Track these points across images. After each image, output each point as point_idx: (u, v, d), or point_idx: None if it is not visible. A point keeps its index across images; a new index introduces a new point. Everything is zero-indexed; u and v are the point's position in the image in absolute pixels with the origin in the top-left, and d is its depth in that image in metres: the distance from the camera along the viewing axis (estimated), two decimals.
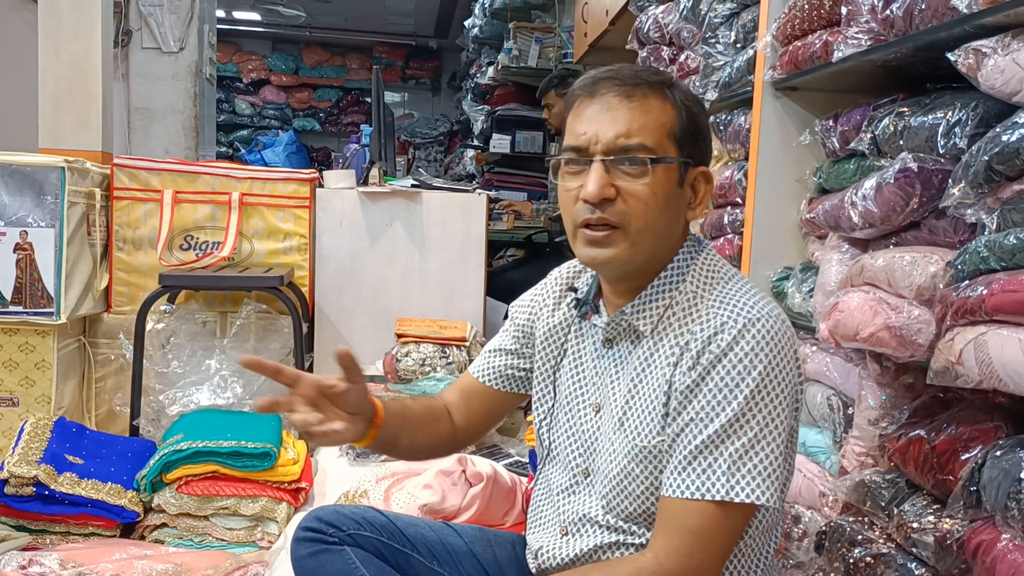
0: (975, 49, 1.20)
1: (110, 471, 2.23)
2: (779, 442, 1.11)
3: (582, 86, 1.20)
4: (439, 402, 1.43)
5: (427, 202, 3.14)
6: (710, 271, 1.21)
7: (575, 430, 1.29)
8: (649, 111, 1.15)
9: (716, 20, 2.27)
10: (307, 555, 1.36)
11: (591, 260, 1.18)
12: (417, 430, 1.36)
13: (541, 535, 1.31)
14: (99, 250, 2.89)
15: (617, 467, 1.20)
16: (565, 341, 1.34)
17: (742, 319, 1.12)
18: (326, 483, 2.48)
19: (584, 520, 1.25)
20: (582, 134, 1.16)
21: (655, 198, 1.14)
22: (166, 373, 2.69)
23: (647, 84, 1.16)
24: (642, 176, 1.14)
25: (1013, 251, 1.12)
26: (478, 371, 1.43)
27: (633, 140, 1.14)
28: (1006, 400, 1.33)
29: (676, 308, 1.19)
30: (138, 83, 4.66)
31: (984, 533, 1.16)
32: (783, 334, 1.13)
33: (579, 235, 1.17)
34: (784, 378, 1.12)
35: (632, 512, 1.20)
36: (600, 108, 1.16)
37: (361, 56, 10.03)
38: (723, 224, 2.17)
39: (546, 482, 1.35)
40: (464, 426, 1.43)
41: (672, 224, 1.20)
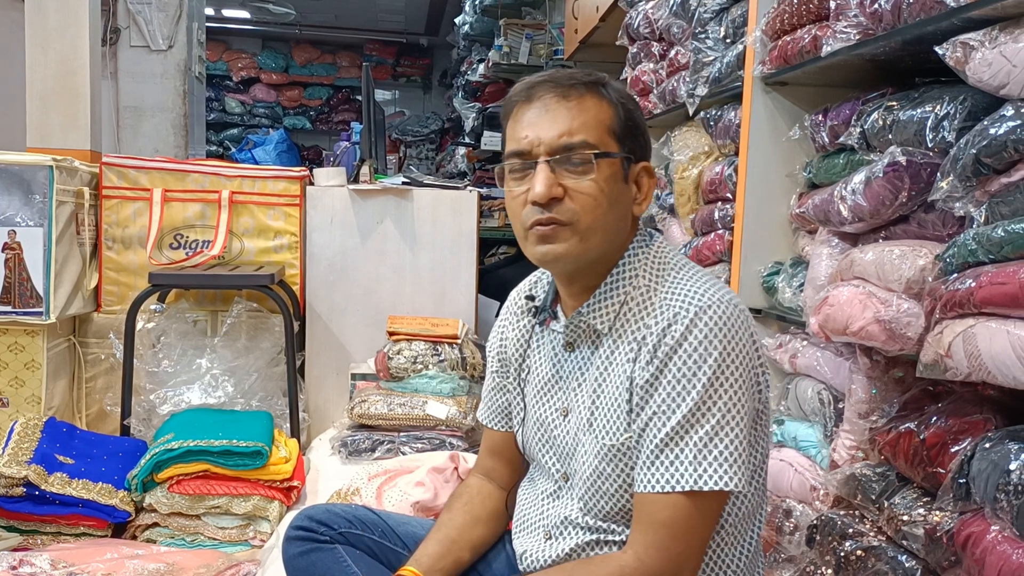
0: (963, 42, 1.20)
1: (101, 471, 2.23)
2: (742, 427, 1.11)
3: (518, 92, 1.21)
4: (475, 486, 1.43)
5: (418, 199, 3.14)
6: (661, 263, 1.22)
7: (547, 437, 1.30)
8: (587, 109, 1.17)
9: (706, 15, 2.27)
10: (298, 554, 1.36)
11: (543, 257, 1.19)
12: (469, 540, 1.35)
13: (525, 539, 1.32)
14: (88, 249, 2.87)
15: (590, 468, 1.20)
16: (528, 350, 1.35)
17: (693, 308, 1.12)
18: (318, 481, 2.48)
19: (565, 522, 1.26)
20: (524, 138, 1.17)
21: (603, 194, 1.16)
22: (157, 372, 2.68)
23: (582, 84, 1.18)
24: (588, 173, 1.15)
25: (1001, 244, 1.12)
26: (488, 420, 1.45)
27: (575, 138, 1.15)
28: (995, 392, 1.33)
29: (631, 303, 1.20)
30: (127, 81, 4.64)
31: (973, 525, 1.16)
32: (736, 319, 1.13)
33: (529, 235, 1.18)
34: (741, 362, 1.12)
35: (609, 511, 1.21)
36: (539, 111, 1.17)
37: (351, 54, 10.01)
38: (714, 219, 2.18)
39: (531, 487, 1.36)
40: (511, 481, 1.44)
41: (620, 220, 1.21)
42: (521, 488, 1.39)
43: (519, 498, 1.39)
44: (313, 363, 3.11)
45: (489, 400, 1.45)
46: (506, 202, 1.23)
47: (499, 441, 1.44)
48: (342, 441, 2.63)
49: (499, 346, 1.42)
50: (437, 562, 1.28)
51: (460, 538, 1.33)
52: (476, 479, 1.45)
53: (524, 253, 1.22)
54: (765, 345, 1.87)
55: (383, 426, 2.63)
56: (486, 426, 1.46)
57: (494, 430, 1.44)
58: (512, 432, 1.41)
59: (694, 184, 2.34)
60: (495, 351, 1.43)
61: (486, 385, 1.47)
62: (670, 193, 2.50)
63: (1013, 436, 1.14)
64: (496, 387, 1.43)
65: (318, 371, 3.11)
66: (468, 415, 2.61)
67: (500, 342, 1.42)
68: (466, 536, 1.34)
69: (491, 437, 1.46)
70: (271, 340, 2.85)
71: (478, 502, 1.39)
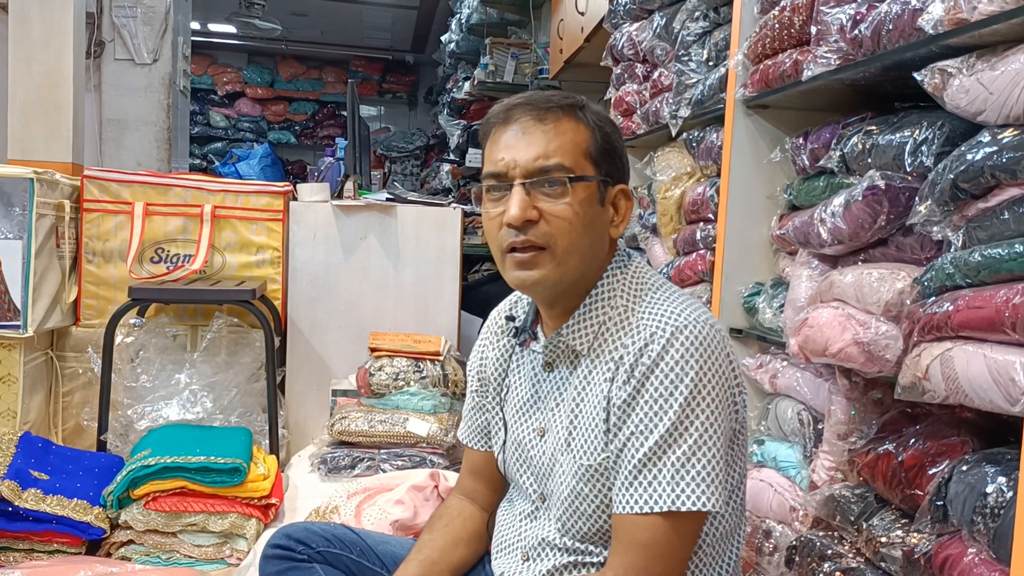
0: (941, 69, 1.22)
1: (76, 487, 2.20)
2: (719, 447, 1.12)
3: (496, 114, 1.22)
4: (456, 507, 1.42)
5: (402, 216, 3.14)
6: (639, 284, 1.22)
7: (524, 457, 1.30)
8: (563, 132, 1.17)
9: (689, 38, 2.29)
10: (275, 572, 1.35)
11: (521, 283, 1.19)
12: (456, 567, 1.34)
13: (503, 561, 1.32)
14: (68, 263, 2.85)
15: (567, 488, 1.20)
16: (507, 371, 1.35)
17: (670, 328, 1.13)
18: (297, 499, 2.46)
19: (543, 544, 1.25)
20: (500, 160, 1.18)
21: (578, 217, 1.16)
22: (135, 387, 2.66)
23: (559, 107, 1.19)
24: (563, 196, 1.15)
25: (978, 268, 1.13)
26: (468, 439, 1.45)
27: (551, 161, 1.16)
28: (972, 415, 1.34)
29: (609, 324, 1.20)
30: (110, 94, 4.62)
31: (951, 547, 1.17)
32: (712, 338, 1.14)
33: (507, 260, 1.19)
34: (717, 382, 1.12)
35: (587, 532, 1.20)
36: (515, 133, 1.18)
37: (337, 70, 10.03)
38: (696, 239, 2.19)
39: (509, 508, 1.36)
40: (492, 502, 1.43)
41: (597, 242, 1.21)
42: (500, 509, 1.39)
43: (498, 519, 1.38)
44: (294, 379, 3.09)
45: (469, 420, 1.45)
46: (483, 223, 1.24)
47: (480, 461, 1.43)
48: (322, 458, 2.61)
49: (479, 366, 1.42)
50: None
51: (440, 560, 1.32)
52: (457, 500, 1.44)
53: (502, 275, 1.23)
54: (745, 365, 1.89)
55: (363, 443, 2.61)
56: (467, 446, 1.46)
57: (475, 450, 1.44)
58: (492, 452, 1.40)
59: (676, 204, 2.36)
60: (475, 371, 1.43)
61: (466, 405, 1.46)
62: (653, 213, 2.51)
63: (990, 459, 1.15)
64: (476, 407, 1.43)
65: (299, 387, 3.09)
66: (449, 432, 2.60)
67: (480, 362, 1.42)
68: (447, 558, 1.33)
69: (472, 457, 1.45)
70: (251, 355, 2.83)
71: (459, 523, 1.38)
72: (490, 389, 1.39)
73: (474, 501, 1.43)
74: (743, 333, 1.96)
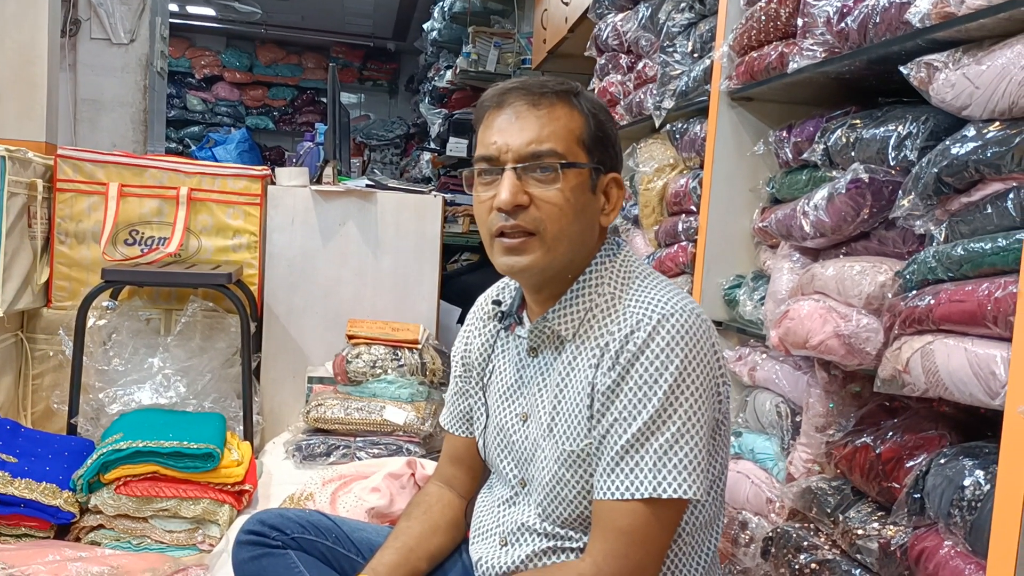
0: (927, 63, 1.22)
1: (45, 470, 2.16)
2: (702, 435, 1.12)
3: (490, 97, 1.21)
4: (434, 494, 1.41)
5: (382, 203, 3.11)
6: (627, 272, 1.23)
7: (506, 442, 1.30)
8: (557, 118, 1.17)
9: (674, 29, 2.28)
10: (249, 559, 1.33)
11: (509, 268, 1.19)
12: (427, 548, 1.33)
13: (481, 546, 1.31)
14: (40, 243, 2.80)
15: (549, 474, 1.20)
16: (492, 356, 1.35)
17: (656, 315, 1.13)
18: (271, 485, 2.43)
19: (522, 529, 1.25)
20: (492, 144, 1.18)
21: (568, 204, 1.16)
22: (107, 371, 2.62)
23: (553, 93, 1.18)
24: (554, 182, 1.16)
25: (960, 262, 1.14)
26: (450, 425, 1.44)
27: (543, 146, 1.16)
28: (949, 409, 1.35)
29: (596, 311, 1.20)
30: (86, 74, 4.54)
31: (927, 540, 1.17)
32: (698, 328, 1.14)
33: (496, 244, 1.19)
34: (702, 371, 1.13)
35: (567, 517, 1.20)
36: (509, 118, 1.18)
37: (317, 56, 9.93)
38: (677, 231, 2.19)
39: (488, 494, 1.36)
40: (471, 489, 1.42)
41: (587, 230, 1.21)
42: (480, 496, 1.38)
43: (477, 506, 1.37)
44: (269, 365, 3.06)
45: (452, 405, 1.44)
46: (474, 207, 1.23)
47: (460, 447, 1.43)
48: (296, 445, 2.59)
49: (463, 350, 1.41)
50: (393, 571, 1.26)
51: (418, 547, 1.31)
52: (436, 487, 1.43)
53: (490, 259, 1.22)
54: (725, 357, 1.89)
55: (339, 431, 2.59)
56: (448, 431, 1.45)
57: (456, 436, 1.43)
58: (474, 438, 1.40)
59: (659, 196, 2.35)
60: (459, 355, 1.42)
61: (450, 390, 1.46)
62: (635, 204, 2.51)
63: (968, 452, 1.16)
64: (459, 392, 1.42)
65: (274, 373, 3.06)
66: (426, 421, 2.59)
67: (465, 346, 1.41)
68: (424, 545, 1.32)
69: (452, 443, 1.44)
70: (226, 341, 2.80)
71: (437, 511, 1.37)
72: (473, 374, 1.38)
73: (453, 488, 1.42)
74: (723, 325, 1.97)
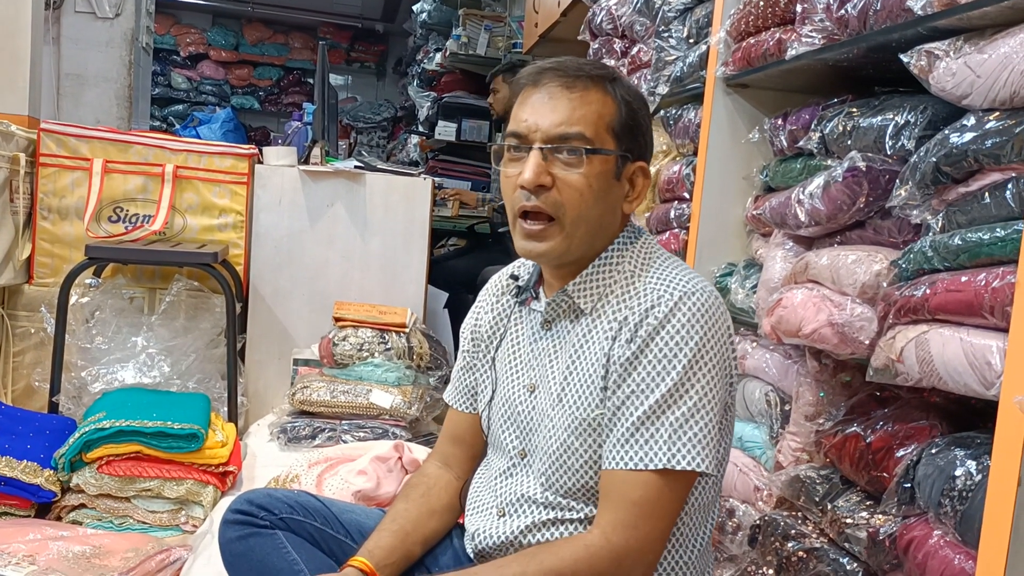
0: (928, 51, 1.21)
1: (26, 448, 2.13)
2: (715, 412, 1.14)
3: (528, 75, 1.23)
4: (431, 475, 1.39)
5: (371, 184, 3.08)
6: (647, 254, 1.25)
7: (510, 412, 1.30)
8: (589, 103, 1.18)
9: (670, 14, 2.27)
10: (236, 538, 1.32)
11: (528, 253, 1.22)
12: (422, 532, 1.31)
13: (478, 518, 1.31)
14: (22, 218, 2.76)
15: (557, 442, 1.21)
16: (504, 328, 1.36)
17: (677, 292, 1.16)
18: (255, 467, 2.42)
19: (521, 500, 1.25)
20: (523, 121, 1.19)
21: (589, 189, 1.18)
22: (89, 349, 2.59)
23: (589, 77, 1.19)
24: (578, 166, 1.17)
25: (958, 252, 1.13)
26: (455, 400, 1.43)
27: (572, 130, 1.17)
28: (940, 400, 1.35)
29: (615, 287, 1.22)
30: (70, 48, 4.46)
31: (916, 529, 1.18)
32: (716, 308, 1.17)
33: (518, 226, 1.21)
34: (718, 351, 1.15)
35: (571, 487, 1.21)
36: (542, 97, 1.19)
37: (304, 36, 9.83)
38: (670, 218, 2.18)
39: (486, 468, 1.36)
40: (469, 470, 1.41)
41: (607, 215, 1.22)
42: (476, 472, 1.38)
43: (473, 482, 1.37)
44: (254, 346, 3.03)
45: (458, 380, 1.44)
46: (500, 181, 1.25)
47: (463, 424, 1.42)
48: (281, 427, 2.57)
49: (473, 325, 1.42)
50: (389, 555, 1.25)
51: (414, 531, 1.30)
52: (434, 467, 1.42)
53: (512, 237, 1.24)
54: None
55: (325, 413, 2.58)
56: (451, 407, 1.44)
57: (459, 412, 1.43)
58: (476, 414, 1.39)
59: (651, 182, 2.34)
60: (469, 330, 1.42)
61: (457, 365, 1.45)
62: None
63: (959, 443, 1.16)
64: (466, 367, 1.42)
65: (259, 355, 3.04)
66: (413, 405, 2.57)
67: (475, 321, 1.42)
68: (420, 530, 1.31)
69: (455, 420, 1.44)
70: (211, 321, 2.77)
71: (434, 494, 1.36)
72: (481, 347, 1.39)
73: (450, 468, 1.41)
74: None
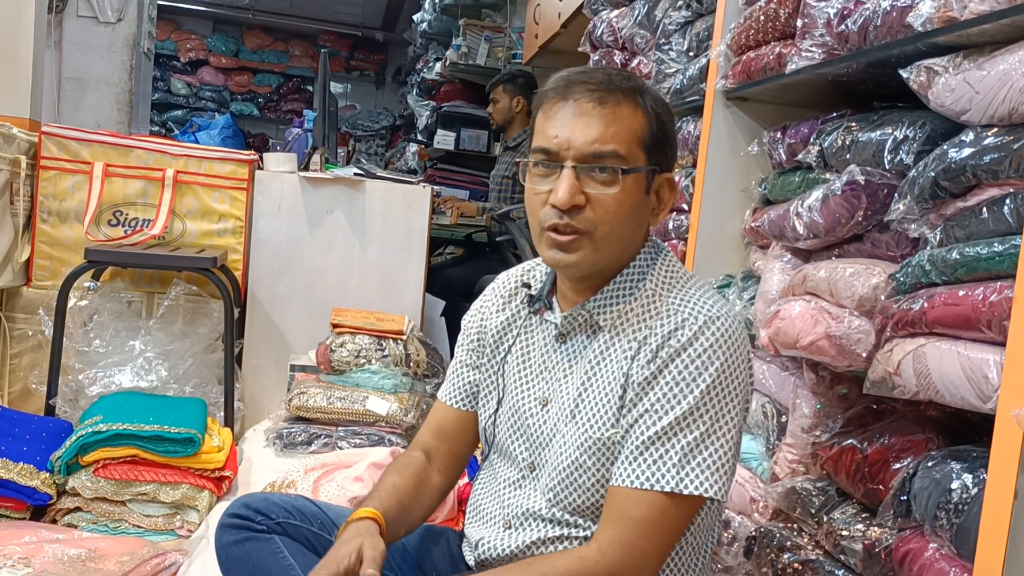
0: (927, 67, 1.22)
1: (22, 450, 2.13)
2: (730, 437, 1.13)
3: (555, 87, 1.19)
4: (420, 459, 1.36)
5: (370, 192, 3.09)
6: (669, 272, 1.23)
7: (520, 424, 1.28)
8: (622, 118, 1.15)
9: (671, 27, 2.28)
10: (232, 542, 1.31)
11: (556, 263, 1.19)
12: (413, 511, 1.30)
13: (482, 527, 1.30)
14: (21, 221, 2.76)
15: (568, 459, 1.19)
16: (513, 337, 1.33)
17: (702, 317, 1.14)
18: (251, 472, 2.41)
19: (527, 515, 1.24)
20: (554, 137, 1.16)
21: (623, 206, 1.15)
22: (87, 352, 2.58)
23: (620, 90, 1.16)
24: (612, 185, 1.14)
25: (955, 266, 1.14)
26: (447, 396, 1.40)
27: (607, 147, 1.14)
28: (936, 413, 1.36)
29: (635, 305, 1.20)
30: (71, 52, 4.47)
31: (912, 542, 1.18)
32: (740, 334, 1.16)
33: (544, 237, 1.18)
34: (738, 376, 1.14)
35: (580, 505, 1.20)
36: (573, 112, 1.15)
37: (304, 43, 9.86)
38: (668, 229, 2.19)
39: (491, 475, 1.34)
40: (448, 467, 1.39)
41: (636, 230, 1.21)
42: (480, 477, 1.37)
43: (475, 487, 1.36)
44: (252, 352, 3.03)
45: (457, 376, 1.40)
46: (526, 196, 1.22)
47: (452, 421, 1.39)
48: (277, 433, 2.57)
49: (479, 326, 1.38)
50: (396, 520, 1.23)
51: (409, 509, 1.28)
52: (421, 455, 1.37)
53: (536, 248, 1.22)
54: None
55: (321, 419, 2.57)
56: (443, 402, 1.40)
57: (450, 408, 1.39)
58: (468, 412, 1.37)
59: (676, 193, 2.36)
60: (474, 330, 1.39)
61: (455, 362, 1.41)
62: None
63: (956, 456, 1.17)
64: (466, 364, 1.39)
65: (256, 360, 3.03)
66: (409, 412, 2.57)
67: (480, 321, 1.38)
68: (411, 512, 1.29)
69: (443, 415, 1.40)
70: (209, 325, 2.77)
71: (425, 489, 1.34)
72: (486, 351, 1.36)
73: (432, 461, 1.38)
74: None
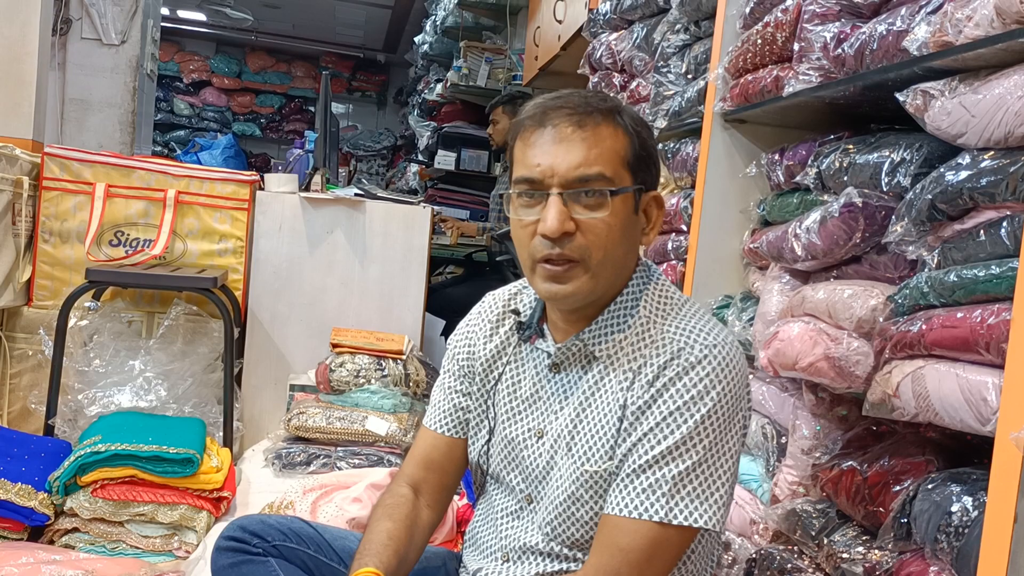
0: (923, 91, 1.23)
1: (20, 471, 2.12)
2: (726, 468, 1.11)
3: (531, 116, 1.16)
4: (408, 498, 1.29)
5: (370, 212, 3.10)
6: (663, 298, 1.21)
7: (515, 456, 1.26)
8: (603, 140, 1.13)
9: (669, 50, 2.30)
10: (228, 565, 1.31)
11: (552, 295, 1.16)
12: (409, 557, 1.25)
13: (480, 558, 1.28)
14: (23, 241, 2.77)
15: (564, 493, 1.17)
16: (503, 365, 1.30)
17: (699, 345, 1.12)
18: (249, 493, 2.40)
19: (525, 549, 1.22)
20: (536, 165, 1.13)
21: (614, 230, 1.13)
22: (87, 372, 2.58)
23: (598, 112, 1.14)
24: (601, 208, 1.12)
25: (953, 288, 1.14)
26: (434, 422, 1.34)
27: (591, 171, 1.11)
28: (936, 435, 1.36)
29: (629, 333, 1.18)
30: (75, 74, 4.50)
31: (913, 565, 1.18)
32: (738, 362, 1.14)
33: (538, 269, 1.15)
34: (736, 406, 1.12)
35: (578, 539, 1.18)
36: (553, 138, 1.12)
37: (307, 64, 9.94)
38: (667, 250, 2.19)
39: (488, 505, 1.32)
40: (437, 500, 1.33)
41: (629, 252, 1.19)
42: (478, 508, 1.35)
43: (475, 515, 1.35)
44: (251, 372, 3.03)
45: (443, 401, 1.34)
46: (512, 229, 1.18)
47: (440, 448, 1.33)
48: (276, 453, 2.56)
49: (467, 351, 1.34)
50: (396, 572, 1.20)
51: (406, 557, 1.25)
52: (407, 491, 1.31)
53: (529, 283, 1.19)
54: None
55: (320, 440, 2.57)
56: (429, 429, 1.35)
57: (436, 435, 1.33)
58: (458, 439, 1.33)
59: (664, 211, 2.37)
60: (462, 354, 1.34)
61: (439, 385, 1.36)
62: None
63: (956, 478, 1.16)
64: (453, 389, 1.34)
65: (256, 380, 3.03)
66: (409, 432, 2.57)
67: (469, 347, 1.34)
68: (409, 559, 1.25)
69: (431, 443, 1.34)
70: (209, 345, 2.77)
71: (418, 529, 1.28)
72: (476, 379, 1.32)
73: (421, 495, 1.32)
74: None
